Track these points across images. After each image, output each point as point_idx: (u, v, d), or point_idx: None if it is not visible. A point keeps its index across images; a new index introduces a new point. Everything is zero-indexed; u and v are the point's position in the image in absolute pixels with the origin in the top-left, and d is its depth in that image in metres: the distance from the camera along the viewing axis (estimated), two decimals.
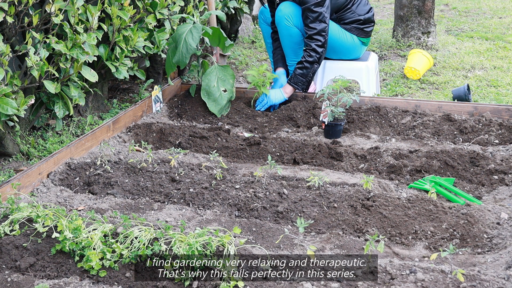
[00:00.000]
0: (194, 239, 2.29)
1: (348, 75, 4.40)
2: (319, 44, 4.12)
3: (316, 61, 4.17)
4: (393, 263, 2.26)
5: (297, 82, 4.22)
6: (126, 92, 4.78)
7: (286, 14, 4.22)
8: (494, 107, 3.96)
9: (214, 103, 4.20)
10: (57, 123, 3.74)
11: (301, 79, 4.20)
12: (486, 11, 7.91)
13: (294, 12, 4.22)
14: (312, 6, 4.06)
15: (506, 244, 2.53)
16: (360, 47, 4.44)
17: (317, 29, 4.09)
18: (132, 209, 2.91)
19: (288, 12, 4.22)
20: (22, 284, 2.24)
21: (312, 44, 4.13)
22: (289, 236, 2.58)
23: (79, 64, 3.53)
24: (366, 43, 4.47)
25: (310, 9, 4.07)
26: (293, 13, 4.22)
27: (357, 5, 4.32)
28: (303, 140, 3.69)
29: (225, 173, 3.21)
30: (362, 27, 4.34)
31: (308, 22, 4.11)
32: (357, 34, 4.35)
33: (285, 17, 4.22)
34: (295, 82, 4.22)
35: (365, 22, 4.34)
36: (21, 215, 2.54)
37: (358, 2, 4.32)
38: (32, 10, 3.32)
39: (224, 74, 4.29)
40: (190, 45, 4.15)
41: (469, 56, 5.82)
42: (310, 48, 4.14)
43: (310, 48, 4.14)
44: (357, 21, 4.32)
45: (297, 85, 4.23)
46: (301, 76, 4.19)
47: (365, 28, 4.36)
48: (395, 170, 3.34)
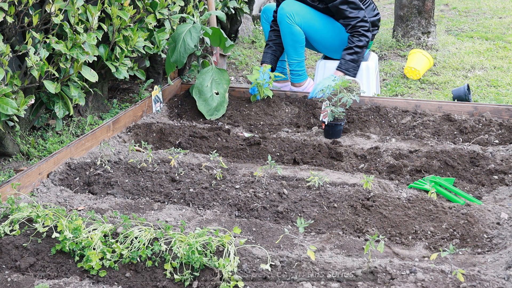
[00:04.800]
0: (194, 239, 2.29)
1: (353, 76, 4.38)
2: (366, 29, 4.13)
3: (365, 45, 4.15)
4: (393, 263, 2.26)
5: (348, 68, 4.16)
6: (126, 92, 4.78)
7: (288, 12, 4.21)
8: (494, 107, 3.96)
9: (204, 103, 4.19)
10: (57, 123, 3.74)
11: (352, 64, 4.15)
12: (486, 11, 7.91)
13: (297, 10, 4.21)
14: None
15: (506, 244, 2.53)
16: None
17: (359, 16, 4.11)
18: (132, 209, 2.91)
19: (290, 10, 4.21)
20: (22, 284, 2.24)
21: (360, 30, 4.12)
22: (289, 236, 2.58)
23: (79, 64, 3.53)
24: (369, 46, 4.46)
25: (347, 1, 4.08)
26: (295, 11, 4.21)
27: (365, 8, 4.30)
28: (303, 140, 3.69)
29: (225, 173, 3.21)
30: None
31: (348, 14, 4.10)
32: None
33: (287, 15, 4.22)
34: (347, 68, 4.16)
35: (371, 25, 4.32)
36: (21, 215, 2.54)
37: (367, 6, 4.31)
38: (32, 10, 3.32)
39: (220, 77, 4.28)
40: (188, 45, 4.15)
41: (469, 56, 5.82)
42: (358, 33, 4.12)
43: (359, 33, 4.12)
44: None
45: (348, 71, 4.16)
46: (352, 62, 4.15)
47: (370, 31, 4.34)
48: (395, 170, 3.34)
